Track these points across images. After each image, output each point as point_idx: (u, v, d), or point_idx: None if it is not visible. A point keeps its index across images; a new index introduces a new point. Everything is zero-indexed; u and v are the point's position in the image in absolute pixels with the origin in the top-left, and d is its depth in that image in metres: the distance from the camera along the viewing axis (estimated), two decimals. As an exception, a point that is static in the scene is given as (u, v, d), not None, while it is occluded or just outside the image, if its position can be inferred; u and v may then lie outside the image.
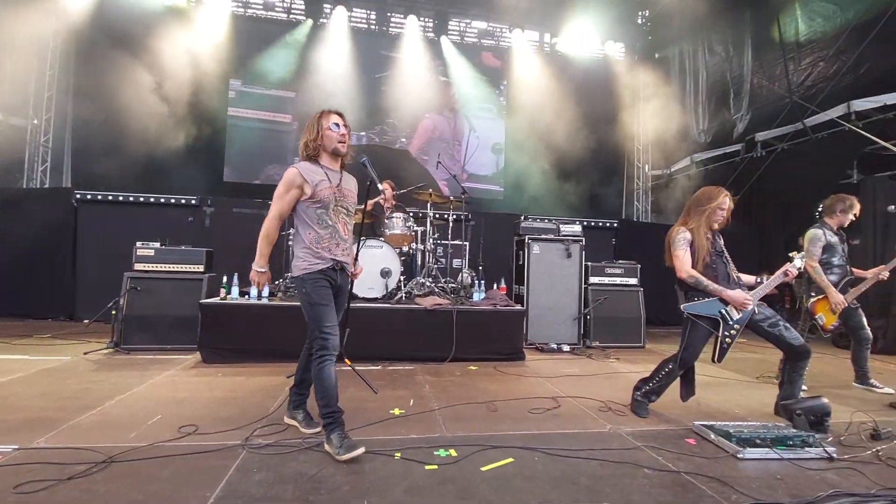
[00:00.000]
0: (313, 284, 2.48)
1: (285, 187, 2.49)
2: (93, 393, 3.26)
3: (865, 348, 4.05)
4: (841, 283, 3.95)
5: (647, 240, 8.05)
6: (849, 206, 4.03)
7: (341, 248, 2.57)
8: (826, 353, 5.72)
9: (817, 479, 2.25)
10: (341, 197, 2.57)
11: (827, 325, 3.95)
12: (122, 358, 4.39)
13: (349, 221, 2.65)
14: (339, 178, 2.59)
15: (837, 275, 3.96)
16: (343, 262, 2.58)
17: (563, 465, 2.34)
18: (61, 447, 2.33)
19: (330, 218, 2.54)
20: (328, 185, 2.51)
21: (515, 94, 10.06)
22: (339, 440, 2.31)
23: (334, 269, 2.55)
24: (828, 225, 4.06)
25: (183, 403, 3.12)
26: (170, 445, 2.40)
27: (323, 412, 2.40)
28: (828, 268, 3.96)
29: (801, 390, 3.38)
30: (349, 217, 2.65)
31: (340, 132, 2.56)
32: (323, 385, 2.40)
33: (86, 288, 6.49)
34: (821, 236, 3.97)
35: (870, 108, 6.48)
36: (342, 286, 2.64)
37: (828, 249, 3.97)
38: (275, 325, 4.37)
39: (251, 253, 2.57)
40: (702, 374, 4.35)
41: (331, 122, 2.55)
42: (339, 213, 2.57)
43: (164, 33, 8.24)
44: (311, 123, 2.57)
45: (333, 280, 2.55)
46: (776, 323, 2.96)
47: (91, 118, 8.07)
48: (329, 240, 2.53)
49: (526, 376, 4.22)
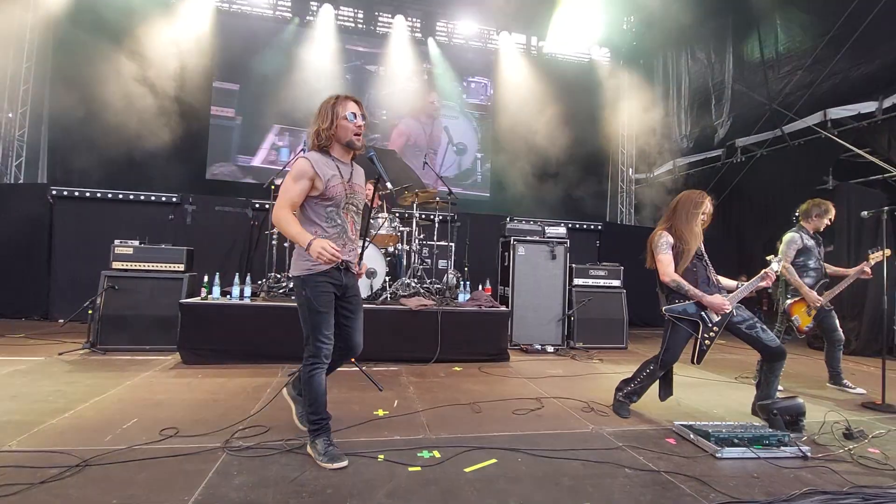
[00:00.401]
0: (315, 289, 2.30)
1: (294, 178, 2.27)
2: (67, 395, 3.18)
3: (838, 350, 4.16)
4: (816, 285, 4.06)
5: (630, 242, 8.15)
6: (824, 210, 4.14)
7: (348, 248, 2.39)
8: (801, 355, 5.86)
9: (792, 478, 2.31)
10: (352, 193, 2.38)
11: (802, 326, 4.06)
12: (98, 359, 4.29)
13: (357, 220, 2.47)
14: (350, 173, 2.39)
15: (813, 277, 4.06)
16: (348, 261, 2.40)
17: (546, 465, 2.35)
18: (34, 450, 2.26)
19: (339, 216, 2.36)
20: (340, 181, 2.32)
21: (501, 97, 10.12)
22: (324, 447, 2.25)
23: (338, 269, 2.35)
24: (804, 229, 4.16)
25: (161, 405, 3.05)
26: (146, 448, 2.35)
27: (310, 418, 2.32)
28: (803, 270, 4.06)
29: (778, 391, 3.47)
30: (358, 215, 2.47)
31: (357, 123, 2.32)
32: (312, 393, 2.30)
33: (61, 287, 6.33)
34: (797, 240, 4.08)
35: (845, 116, 6.68)
36: (349, 285, 2.44)
37: (803, 253, 4.07)
38: (257, 326, 4.32)
39: (233, 251, 2.54)
40: (682, 375, 4.43)
41: (347, 111, 2.31)
42: (349, 212, 2.39)
43: (146, 27, 8.09)
44: (325, 110, 2.32)
45: (338, 281, 2.37)
46: (753, 325, 3.03)
47: (69, 112, 7.86)
48: (336, 240, 2.32)
49: (510, 377, 4.24)
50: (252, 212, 6.96)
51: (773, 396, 3.08)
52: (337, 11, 9.38)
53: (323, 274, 2.31)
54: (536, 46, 10.58)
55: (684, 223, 3.09)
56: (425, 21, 9.86)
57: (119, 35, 7.94)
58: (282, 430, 2.63)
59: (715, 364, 5.01)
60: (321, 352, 2.29)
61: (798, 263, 4.06)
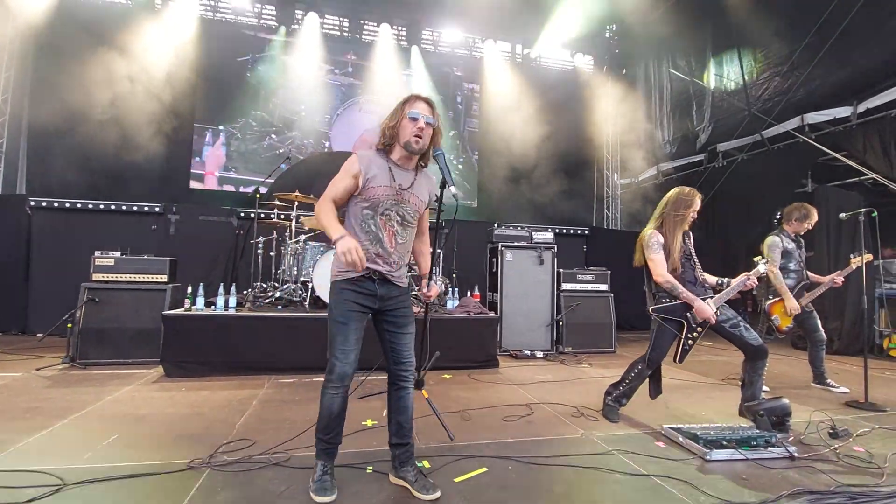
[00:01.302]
0: (339, 296, 2.10)
1: (341, 174, 2.12)
2: (45, 411, 3.08)
3: (821, 349, 4.22)
4: (797, 287, 4.15)
5: (616, 246, 8.27)
6: (804, 214, 4.21)
7: (382, 259, 2.12)
8: (786, 355, 5.94)
9: (780, 479, 2.32)
10: (399, 202, 2.12)
11: (782, 326, 4.14)
12: (77, 373, 4.17)
13: (401, 232, 2.15)
14: (409, 180, 2.15)
15: (793, 279, 4.15)
16: (384, 272, 2.13)
17: (536, 472, 2.34)
18: (9, 470, 2.18)
19: (375, 223, 2.11)
20: (386, 185, 2.09)
21: (487, 104, 10.17)
22: (320, 473, 2.08)
23: (372, 280, 2.12)
24: (785, 232, 4.25)
25: (143, 421, 2.98)
26: (127, 465, 2.28)
27: (317, 434, 2.14)
28: (784, 273, 4.15)
29: (763, 391, 3.51)
30: (403, 228, 2.16)
31: (419, 125, 2.09)
32: (322, 411, 2.10)
33: (40, 300, 6.17)
34: (778, 243, 4.17)
35: (821, 121, 6.83)
36: (387, 297, 2.15)
37: (785, 255, 4.16)
38: (242, 337, 4.25)
39: (218, 261, 2.46)
40: (670, 378, 4.46)
41: (413, 110, 2.11)
42: (389, 220, 2.12)
43: (128, 36, 7.98)
44: (395, 108, 2.16)
45: (369, 291, 2.11)
46: (737, 324, 3.07)
47: (48, 122, 7.71)
48: (368, 247, 2.10)
49: (500, 383, 4.22)
50: (237, 220, 6.87)
51: (758, 396, 3.11)
52: (322, 20, 9.37)
53: (350, 281, 2.10)
54: (521, 54, 10.68)
55: (672, 223, 3.12)
56: (410, 29, 9.90)
57: (100, 44, 7.81)
58: (267, 444, 2.58)
59: (702, 366, 5.06)
60: (335, 369, 2.06)
61: (780, 266, 4.14)
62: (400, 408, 2.20)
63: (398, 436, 2.20)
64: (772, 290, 4.17)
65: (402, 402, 2.20)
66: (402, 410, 2.19)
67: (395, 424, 2.20)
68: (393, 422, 2.21)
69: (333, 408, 2.09)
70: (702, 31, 9.01)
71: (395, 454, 2.21)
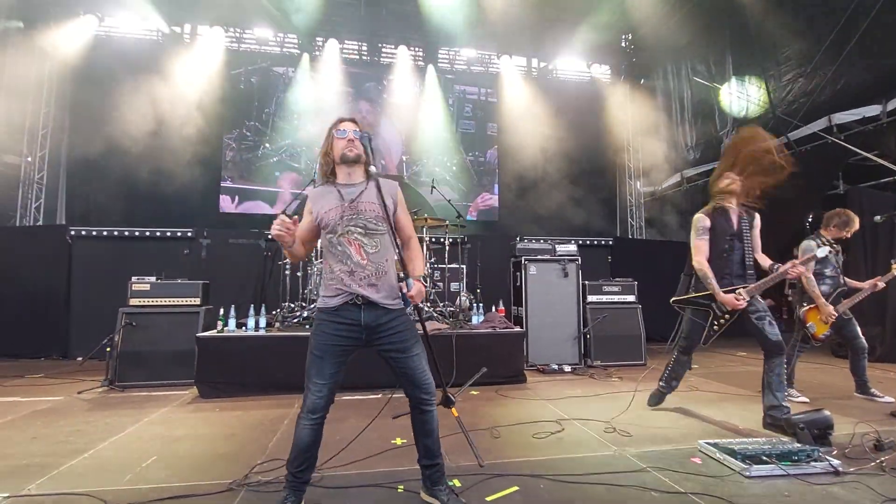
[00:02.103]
0: (317, 327, 2.11)
1: (303, 214, 2.22)
2: (86, 434, 3.20)
3: (863, 357, 4.08)
4: (834, 293, 4.05)
5: (642, 256, 8.15)
6: (845, 221, 4.09)
7: (357, 276, 2.07)
8: (826, 364, 5.71)
9: (824, 494, 2.23)
10: (353, 215, 2.11)
11: (818, 334, 4.04)
12: (116, 396, 4.32)
13: (368, 242, 2.11)
14: (356, 193, 2.14)
15: (829, 285, 4.06)
16: (366, 295, 2.07)
17: (569, 491, 2.30)
18: (53, 493, 2.28)
19: (340, 244, 2.11)
20: (336, 205, 2.12)
21: (505, 119, 10.23)
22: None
23: (356, 305, 2.08)
24: (822, 237, 4.13)
25: (180, 442, 3.06)
26: (166, 487, 2.34)
27: (287, 467, 2.09)
28: (820, 278, 4.05)
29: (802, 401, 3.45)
30: (369, 237, 2.12)
31: (348, 138, 2.14)
32: (294, 443, 2.06)
33: (80, 325, 6.43)
34: (813, 247, 3.99)
35: (850, 120, 6.65)
36: (375, 325, 2.08)
37: (820, 261, 3.98)
38: (273, 357, 4.33)
39: (248, 283, 2.52)
40: (704, 391, 4.36)
41: (339, 130, 2.17)
42: (351, 234, 2.10)
43: (158, 68, 8.38)
44: (326, 138, 2.22)
45: (351, 321, 2.07)
46: (763, 317, 3.11)
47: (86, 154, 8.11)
48: (340, 268, 2.09)
49: (528, 399, 4.18)
50: (265, 243, 7.06)
51: (781, 401, 3.03)
52: (342, 45, 9.65)
53: (331, 311, 2.08)
54: (537, 68, 10.75)
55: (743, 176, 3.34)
56: (427, 50, 10.09)
57: (133, 77, 8.23)
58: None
59: (737, 378, 4.90)
60: (306, 400, 2.04)
61: (815, 272, 4.05)
62: (425, 431, 2.17)
63: (427, 457, 2.18)
64: (806, 297, 4.06)
65: (427, 425, 2.16)
66: (428, 433, 2.16)
67: (423, 447, 2.18)
68: (420, 444, 2.19)
69: (303, 439, 2.04)
70: (720, 34, 8.91)
71: (425, 474, 2.19)
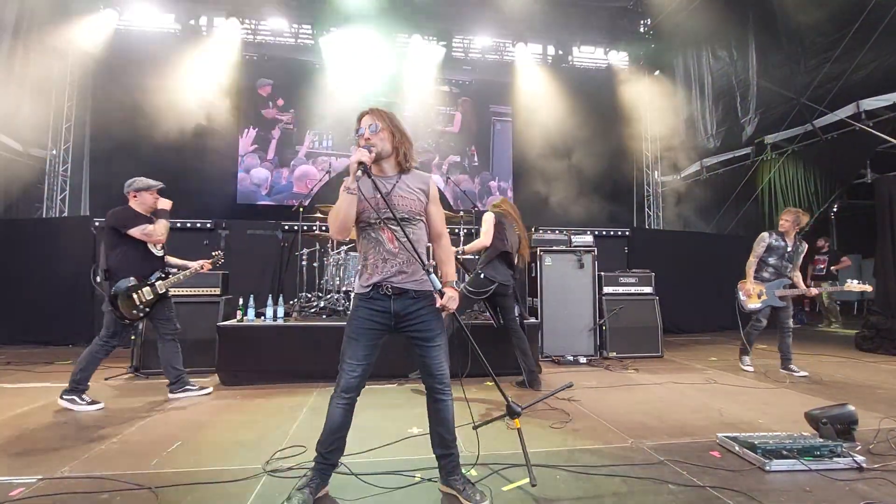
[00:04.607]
0: (354, 312, 2.17)
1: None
2: (114, 419, 3.30)
3: (787, 337, 4.74)
4: (773, 280, 4.78)
5: (660, 247, 8.03)
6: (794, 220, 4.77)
7: (390, 264, 2.11)
8: (850, 358, 5.59)
9: (847, 491, 2.20)
10: (385, 208, 2.09)
11: (748, 303, 4.85)
12: (141, 383, 4.45)
13: (399, 232, 2.10)
14: (390, 185, 2.15)
15: (770, 273, 4.81)
16: (397, 284, 2.11)
17: (585, 482, 2.31)
18: (85, 476, 2.36)
19: (374, 231, 2.14)
20: (370, 196, 2.11)
21: (521, 107, 10.13)
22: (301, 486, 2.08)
23: (385, 296, 2.12)
24: (777, 231, 4.87)
25: (203, 428, 3.14)
26: (191, 472, 2.41)
27: (316, 448, 2.15)
28: (763, 265, 4.84)
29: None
30: (399, 227, 2.08)
31: (364, 137, 2.14)
32: (326, 424, 2.13)
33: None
34: (765, 238, 4.85)
35: (879, 106, 6.44)
36: (403, 313, 2.12)
37: (770, 250, 4.81)
38: (291, 346, 4.40)
39: (265, 273, 2.52)
40: (722, 384, 4.31)
41: (358, 129, 2.18)
42: (384, 225, 2.12)
43: (177, 60, 8.48)
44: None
45: (382, 308, 2.12)
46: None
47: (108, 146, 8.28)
48: (374, 255, 2.13)
49: (543, 390, 4.19)
50: (282, 233, 7.14)
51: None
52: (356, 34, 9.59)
53: (364, 297, 2.14)
54: (553, 55, 10.58)
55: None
56: (442, 38, 10.00)
57: (153, 69, 8.34)
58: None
59: (756, 370, 4.83)
60: (341, 381, 2.11)
61: (761, 258, 4.84)
62: (439, 419, 2.20)
63: (441, 446, 2.20)
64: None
65: (441, 413, 2.19)
66: (442, 422, 2.19)
67: (437, 435, 2.21)
68: (434, 433, 2.22)
69: (335, 419, 2.11)
70: (743, 17, 8.64)
71: (441, 464, 2.22)
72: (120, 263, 3.66)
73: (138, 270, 3.72)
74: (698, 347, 6.44)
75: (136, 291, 3.69)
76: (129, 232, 3.66)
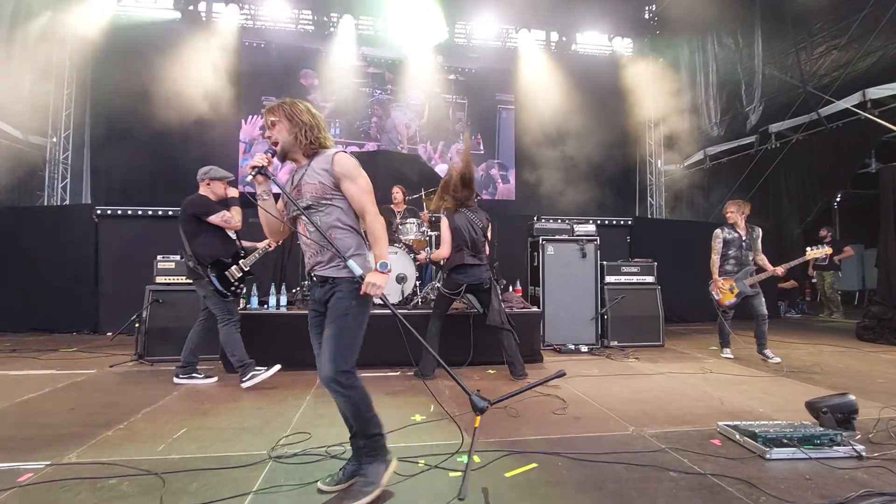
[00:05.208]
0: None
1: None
2: (120, 406, 3.33)
3: (763, 324, 4.87)
4: (738, 271, 4.90)
5: (662, 237, 8.02)
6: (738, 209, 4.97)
7: (308, 254, 2.19)
8: (851, 348, 5.61)
9: (847, 479, 2.22)
10: (298, 198, 2.12)
11: (723, 301, 4.96)
12: (146, 370, 4.49)
13: (309, 221, 2.09)
14: (300, 175, 2.16)
15: (732, 265, 4.95)
16: (318, 273, 2.16)
17: (587, 469, 2.33)
18: (93, 462, 2.39)
19: (296, 225, 2.22)
20: (288, 191, 2.17)
21: (524, 95, 10.05)
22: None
23: (317, 285, 2.20)
24: (728, 225, 5.00)
25: (207, 414, 3.17)
26: (196, 458, 2.44)
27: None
28: (725, 259, 4.96)
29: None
30: (310, 214, 2.09)
31: (266, 135, 2.20)
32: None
33: (108, 301, 6.62)
34: (718, 234, 5.00)
35: (886, 95, 6.38)
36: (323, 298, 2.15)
37: (726, 244, 4.95)
38: (294, 334, 4.40)
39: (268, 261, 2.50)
40: (720, 373, 4.33)
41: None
42: (299, 216, 2.14)
43: (177, 46, 8.40)
44: None
45: (315, 297, 2.21)
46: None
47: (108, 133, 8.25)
48: (303, 247, 2.22)
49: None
50: (284, 222, 7.12)
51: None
52: (357, 21, 9.51)
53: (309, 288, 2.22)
54: (557, 42, 10.47)
55: None
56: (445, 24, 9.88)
57: (153, 56, 8.27)
58: (322, 438, 2.69)
59: (756, 359, 4.86)
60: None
61: (721, 253, 4.96)
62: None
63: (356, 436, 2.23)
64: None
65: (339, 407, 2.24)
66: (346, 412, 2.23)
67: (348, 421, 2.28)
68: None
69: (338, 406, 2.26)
70: (750, 4, 8.52)
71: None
72: (207, 249, 3.89)
73: (223, 253, 3.97)
74: (699, 336, 6.47)
75: (227, 270, 3.93)
76: (209, 219, 3.87)
